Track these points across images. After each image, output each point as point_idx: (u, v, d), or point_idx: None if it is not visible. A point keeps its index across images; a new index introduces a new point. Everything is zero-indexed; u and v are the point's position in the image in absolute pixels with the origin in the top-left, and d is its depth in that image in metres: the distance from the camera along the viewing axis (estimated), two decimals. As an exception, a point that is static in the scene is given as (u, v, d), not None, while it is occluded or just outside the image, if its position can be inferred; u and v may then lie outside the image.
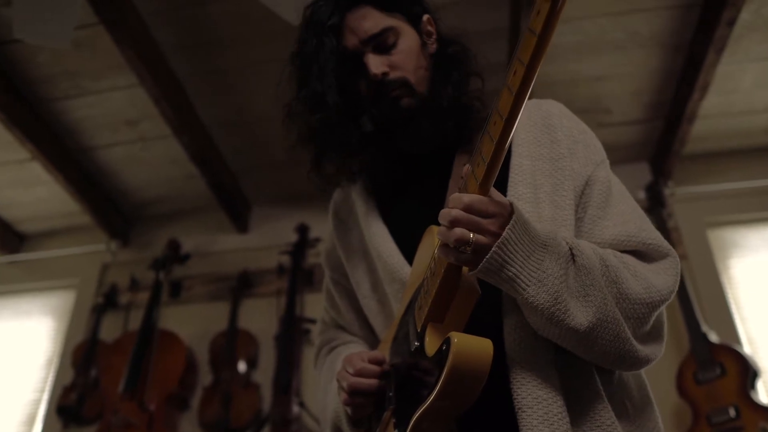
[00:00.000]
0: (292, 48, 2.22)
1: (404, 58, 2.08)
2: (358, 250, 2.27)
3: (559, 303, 1.55)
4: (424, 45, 2.17)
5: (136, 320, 5.91)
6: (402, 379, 1.80)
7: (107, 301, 6.24)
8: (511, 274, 1.55)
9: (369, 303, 2.24)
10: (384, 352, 1.98)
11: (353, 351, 2.12)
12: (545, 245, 1.59)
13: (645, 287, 1.73)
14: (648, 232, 1.87)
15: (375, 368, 1.87)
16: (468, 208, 1.54)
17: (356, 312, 2.38)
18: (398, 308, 2.02)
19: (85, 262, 6.70)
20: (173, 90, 5.26)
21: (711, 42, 4.67)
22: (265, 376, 5.57)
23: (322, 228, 3.78)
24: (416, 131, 2.05)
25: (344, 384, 1.89)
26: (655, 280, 1.77)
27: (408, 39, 2.12)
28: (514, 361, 1.71)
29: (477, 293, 1.70)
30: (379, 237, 2.12)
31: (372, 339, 2.35)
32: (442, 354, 1.57)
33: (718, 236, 5.75)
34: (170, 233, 6.49)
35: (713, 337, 4.88)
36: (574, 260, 1.62)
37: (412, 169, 2.17)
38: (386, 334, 2.11)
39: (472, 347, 1.55)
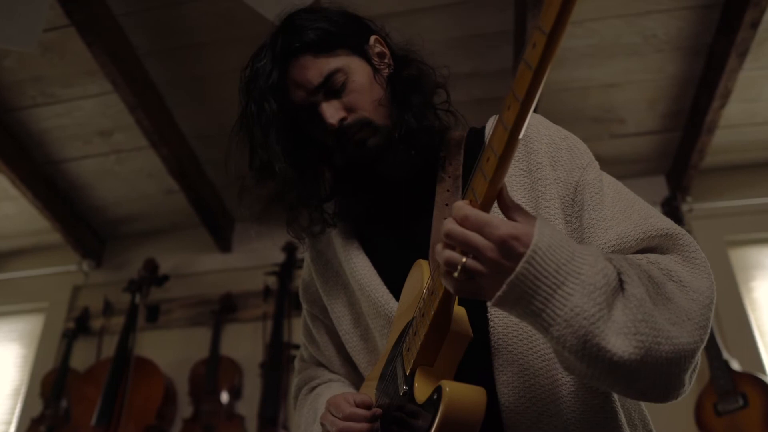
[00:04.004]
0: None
1: (358, 96, 2.05)
2: (338, 283, 2.25)
3: (588, 348, 1.41)
4: (377, 72, 2.13)
5: (110, 347, 5.89)
6: (390, 425, 1.78)
7: (79, 326, 6.20)
8: (531, 310, 1.43)
9: (351, 339, 2.23)
10: (370, 390, 1.98)
11: (335, 391, 2.11)
12: (578, 274, 1.45)
13: (688, 303, 1.60)
14: (655, 219, 1.79)
15: (364, 413, 1.83)
16: (464, 221, 1.44)
17: (337, 348, 2.36)
18: (385, 344, 2.01)
19: (55, 284, 6.67)
20: (150, 98, 5.23)
21: (733, 46, 4.64)
22: (249, 407, 5.54)
23: (311, 247, 3.82)
24: (389, 165, 2.03)
25: (332, 430, 1.86)
26: (695, 282, 1.66)
27: (358, 74, 2.09)
28: (509, 409, 1.71)
29: (468, 336, 1.68)
30: (362, 269, 2.10)
31: (354, 376, 2.34)
32: (432, 403, 1.54)
33: (739, 256, 5.72)
34: (147, 253, 6.46)
35: (735, 365, 4.85)
36: (623, 289, 1.49)
37: (391, 198, 2.14)
38: (372, 371, 2.09)
39: (465, 397, 1.53)
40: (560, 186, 1.92)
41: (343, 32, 2.14)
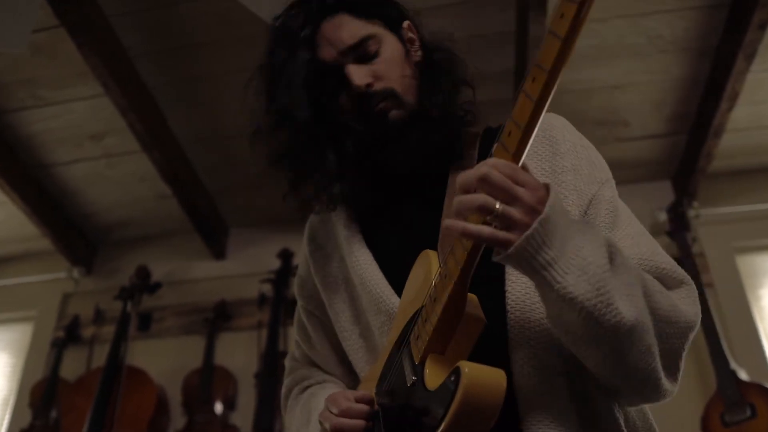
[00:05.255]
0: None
1: (388, 67, 2.07)
2: (338, 279, 2.23)
3: (602, 294, 1.45)
4: (407, 53, 2.16)
5: (100, 356, 5.87)
6: (394, 420, 1.75)
7: (69, 335, 6.18)
8: (548, 258, 1.45)
9: (349, 336, 2.20)
10: (368, 391, 1.93)
11: (330, 392, 2.06)
12: (584, 231, 1.52)
13: (672, 306, 1.67)
14: (661, 257, 1.84)
15: (363, 407, 1.81)
16: (495, 167, 1.45)
17: (333, 347, 2.33)
18: (385, 342, 1.98)
19: (45, 292, 6.66)
20: (142, 100, 5.22)
21: (740, 47, 4.64)
22: (244, 418, 5.53)
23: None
24: (406, 146, 2.03)
25: (327, 425, 1.83)
26: (680, 304, 1.72)
27: (391, 47, 2.11)
28: (526, 399, 1.68)
29: (482, 321, 1.66)
30: (364, 264, 2.09)
31: (349, 378, 2.32)
32: (448, 386, 1.50)
33: (748, 263, 5.71)
34: (139, 259, 6.43)
35: (743, 375, 4.83)
36: (611, 257, 1.53)
37: (400, 190, 2.15)
38: (369, 371, 2.06)
39: (485, 378, 1.49)
40: (577, 195, 1.92)
41: (382, 4, 2.19)
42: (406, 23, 2.23)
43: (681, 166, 5.89)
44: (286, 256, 5.98)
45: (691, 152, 5.66)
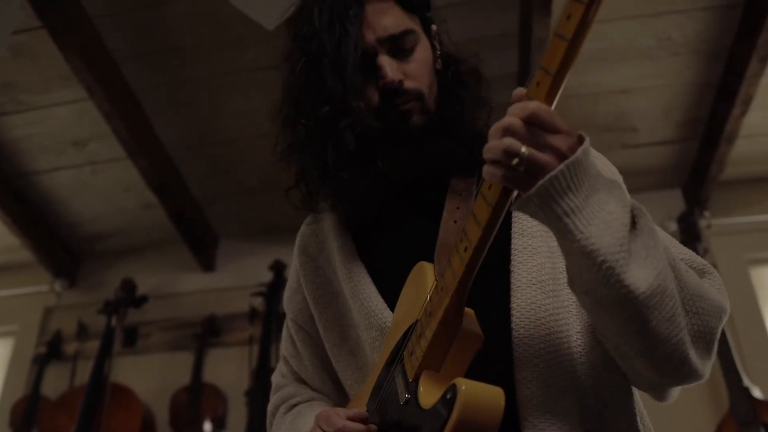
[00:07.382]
0: (268, 56, 2.18)
1: (420, 68, 2.06)
2: (329, 292, 2.23)
3: (623, 251, 1.44)
4: (435, 58, 2.16)
5: (84, 373, 5.85)
6: None
7: (51, 351, 6.18)
8: (572, 205, 1.43)
9: (338, 352, 2.20)
10: (359, 409, 1.89)
11: (318, 410, 2.02)
12: (610, 188, 1.50)
13: (699, 284, 1.66)
14: (679, 248, 1.85)
15: (358, 426, 1.77)
16: (531, 117, 1.42)
17: (322, 362, 2.32)
18: (377, 358, 1.97)
19: (25, 306, 6.65)
20: (128, 105, 5.21)
21: (754, 49, 4.63)
22: (235, 438, 5.49)
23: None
24: (417, 154, 2.02)
25: None
26: (707, 287, 1.70)
27: (424, 48, 2.11)
28: (530, 420, 1.68)
29: (480, 338, 1.66)
30: (356, 277, 2.08)
31: (338, 395, 2.32)
32: (444, 404, 1.49)
33: (762, 275, 5.70)
34: (124, 272, 6.41)
35: (757, 393, 4.80)
36: (635, 220, 1.53)
37: (396, 199, 2.14)
38: (361, 388, 2.05)
39: (482, 396, 1.48)
40: None
41: (421, 4, 2.18)
42: (434, 27, 2.22)
43: (692, 173, 5.89)
44: (278, 268, 5.96)
45: (702, 159, 5.65)
